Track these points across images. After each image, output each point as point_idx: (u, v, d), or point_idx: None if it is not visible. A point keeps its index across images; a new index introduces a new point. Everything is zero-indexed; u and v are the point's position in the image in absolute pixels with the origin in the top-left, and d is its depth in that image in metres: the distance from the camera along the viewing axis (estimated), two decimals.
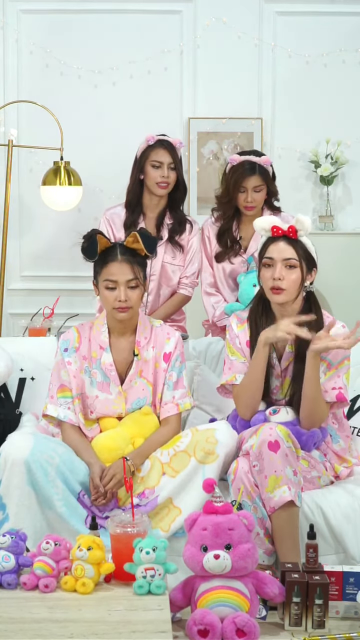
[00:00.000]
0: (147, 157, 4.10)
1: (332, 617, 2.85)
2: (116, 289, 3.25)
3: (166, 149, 4.09)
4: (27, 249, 5.51)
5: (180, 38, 5.41)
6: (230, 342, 3.42)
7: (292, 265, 3.25)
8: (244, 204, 4.06)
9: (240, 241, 4.17)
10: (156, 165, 4.09)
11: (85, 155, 5.19)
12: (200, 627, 2.62)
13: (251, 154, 4.11)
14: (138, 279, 3.27)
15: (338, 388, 3.26)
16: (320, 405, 3.24)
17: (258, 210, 4.11)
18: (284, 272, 3.24)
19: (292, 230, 3.26)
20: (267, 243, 3.30)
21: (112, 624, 2.45)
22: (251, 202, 4.05)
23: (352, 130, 5.44)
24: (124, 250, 3.28)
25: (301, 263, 3.26)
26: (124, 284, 3.25)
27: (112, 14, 5.38)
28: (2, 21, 5.36)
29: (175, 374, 3.37)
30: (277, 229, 3.27)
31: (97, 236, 3.26)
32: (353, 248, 5.31)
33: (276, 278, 3.24)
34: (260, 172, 4.05)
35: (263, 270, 3.30)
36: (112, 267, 3.26)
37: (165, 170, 4.08)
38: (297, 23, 5.42)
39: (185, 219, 4.23)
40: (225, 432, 3.23)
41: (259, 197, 4.07)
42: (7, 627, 2.43)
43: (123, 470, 3.13)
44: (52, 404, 3.36)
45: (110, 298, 3.27)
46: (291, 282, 3.25)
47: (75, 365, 3.35)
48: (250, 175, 4.03)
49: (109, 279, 3.26)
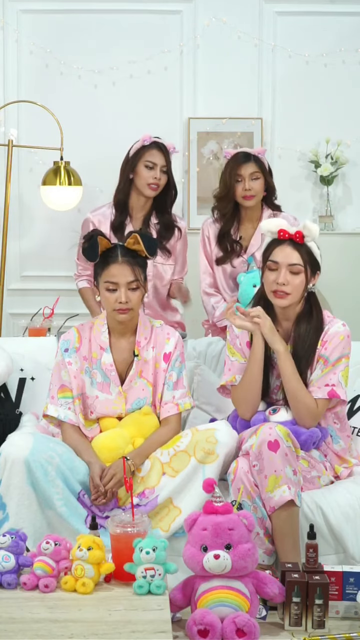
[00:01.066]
0: (140, 157, 4.10)
1: (332, 617, 2.85)
2: (117, 291, 3.25)
3: (161, 150, 4.10)
4: (27, 249, 5.51)
5: (180, 38, 5.41)
6: (231, 343, 3.42)
7: (296, 271, 3.25)
8: (242, 193, 4.06)
9: (241, 241, 4.17)
10: (149, 166, 4.09)
11: (85, 155, 5.19)
12: (200, 627, 2.62)
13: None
14: (139, 280, 3.27)
15: (331, 385, 3.25)
16: (304, 399, 3.24)
17: (257, 201, 4.11)
18: (289, 277, 3.24)
19: (299, 236, 3.25)
20: (272, 245, 3.29)
21: (112, 624, 2.45)
22: (249, 189, 4.05)
23: (352, 130, 5.44)
24: (124, 252, 3.28)
25: (306, 268, 3.25)
26: (125, 285, 3.25)
27: (112, 14, 5.38)
28: (2, 21, 5.36)
29: (175, 374, 3.37)
30: (285, 232, 3.26)
31: (98, 237, 3.26)
32: (353, 248, 5.31)
33: (280, 283, 3.24)
34: (255, 160, 4.07)
35: (267, 273, 3.29)
36: (113, 268, 3.26)
37: (158, 172, 4.08)
38: (297, 23, 5.42)
39: (173, 224, 4.22)
40: (225, 432, 3.23)
41: (257, 186, 4.07)
42: (7, 627, 2.43)
43: (123, 470, 3.13)
44: (53, 404, 3.36)
45: (111, 299, 3.27)
46: (295, 287, 3.25)
47: (75, 365, 3.35)
48: (246, 163, 4.06)
49: (110, 281, 3.26)
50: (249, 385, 3.30)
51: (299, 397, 3.24)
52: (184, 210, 5.40)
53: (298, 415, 3.26)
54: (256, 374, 3.29)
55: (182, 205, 5.38)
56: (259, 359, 3.28)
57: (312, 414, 3.26)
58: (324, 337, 3.30)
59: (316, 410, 3.26)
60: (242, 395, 3.33)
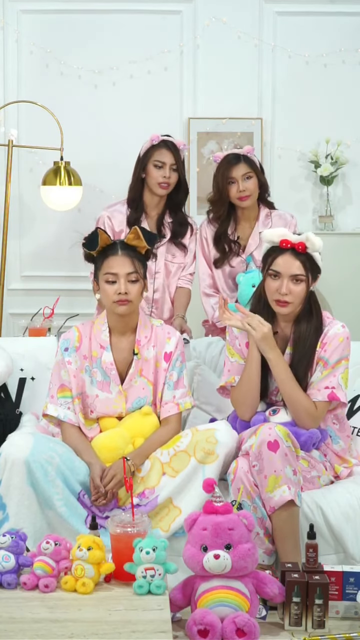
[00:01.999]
0: (150, 157, 4.11)
1: (332, 617, 2.85)
2: (116, 283, 3.26)
3: (169, 149, 4.10)
4: (27, 249, 5.51)
5: (180, 38, 5.42)
6: (230, 343, 3.42)
7: (298, 280, 3.25)
8: (237, 195, 4.05)
9: (239, 241, 4.17)
10: (158, 165, 4.10)
11: (85, 155, 5.19)
12: (200, 627, 2.62)
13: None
14: (138, 272, 3.28)
15: (331, 387, 3.25)
16: (301, 402, 3.23)
17: (253, 201, 4.10)
18: (291, 286, 3.24)
19: (301, 247, 3.24)
20: (273, 251, 3.28)
21: (112, 624, 2.45)
22: (244, 190, 4.04)
23: (352, 130, 5.44)
24: (124, 246, 3.31)
25: (307, 276, 3.25)
26: (124, 276, 3.26)
27: (112, 14, 5.38)
28: (2, 21, 5.36)
29: (175, 374, 3.37)
30: (287, 242, 3.25)
31: (99, 230, 3.29)
32: (353, 248, 5.31)
33: (283, 293, 3.23)
34: (245, 160, 4.06)
35: (268, 280, 3.29)
36: (113, 260, 3.27)
37: (167, 171, 4.09)
38: (297, 23, 5.43)
39: (187, 221, 4.24)
40: (225, 432, 3.23)
41: (251, 185, 4.06)
42: (7, 627, 2.43)
43: (123, 470, 3.13)
44: (53, 404, 3.36)
45: (110, 291, 3.28)
46: (297, 295, 3.24)
47: (75, 364, 3.36)
48: (236, 164, 4.05)
49: (109, 272, 3.27)
50: (247, 386, 3.31)
51: (295, 400, 3.24)
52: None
53: (297, 418, 3.26)
54: (254, 374, 3.29)
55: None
56: (255, 360, 3.29)
57: (311, 416, 3.26)
58: (324, 339, 3.30)
59: (315, 412, 3.26)
60: (240, 396, 3.33)
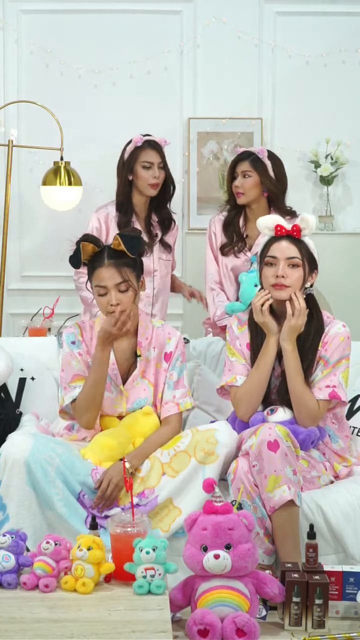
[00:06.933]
0: (136, 158, 4.14)
1: (332, 617, 2.85)
2: (107, 294, 3.25)
3: (155, 149, 4.16)
4: (27, 249, 5.51)
5: (180, 38, 5.42)
6: (231, 343, 3.42)
7: (295, 264, 3.25)
8: (234, 190, 4.11)
9: (247, 239, 4.19)
10: (147, 166, 4.13)
11: (85, 155, 5.19)
12: (200, 627, 2.62)
13: None
14: (127, 281, 3.24)
15: (332, 386, 3.25)
16: (307, 400, 3.23)
17: (248, 200, 4.14)
18: (287, 270, 3.24)
19: (296, 230, 3.25)
20: (269, 242, 3.30)
21: (112, 624, 2.45)
22: (238, 187, 4.10)
23: (352, 130, 5.44)
24: (111, 254, 3.25)
25: (304, 262, 3.26)
26: (114, 288, 3.23)
27: (112, 14, 5.38)
28: (2, 21, 5.36)
29: (175, 374, 3.37)
30: (281, 227, 3.27)
31: (82, 244, 3.24)
32: (353, 248, 5.31)
33: (279, 275, 3.24)
34: (251, 159, 4.10)
35: (265, 269, 3.29)
36: (100, 272, 3.24)
37: (156, 170, 4.14)
38: (297, 23, 5.43)
39: (171, 218, 4.29)
40: (225, 433, 3.23)
41: (247, 184, 4.10)
42: (7, 627, 2.43)
43: (122, 473, 3.12)
44: (68, 394, 3.32)
45: (103, 303, 3.27)
46: (294, 281, 3.25)
47: (85, 355, 3.34)
48: (241, 160, 4.14)
49: (99, 285, 3.25)
50: (257, 385, 3.29)
51: (302, 397, 3.24)
52: (184, 211, 5.40)
53: (298, 415, 3.26)
54: (265, 374, 3.28)
55: (182, 205, 5.38)
56: (270, 361, 3.28)
57: (313, 414, 3.25)
58: (324, 339, 3.30)
59: (317, 411, 3.25)
60: (246, 395, 3.31)
